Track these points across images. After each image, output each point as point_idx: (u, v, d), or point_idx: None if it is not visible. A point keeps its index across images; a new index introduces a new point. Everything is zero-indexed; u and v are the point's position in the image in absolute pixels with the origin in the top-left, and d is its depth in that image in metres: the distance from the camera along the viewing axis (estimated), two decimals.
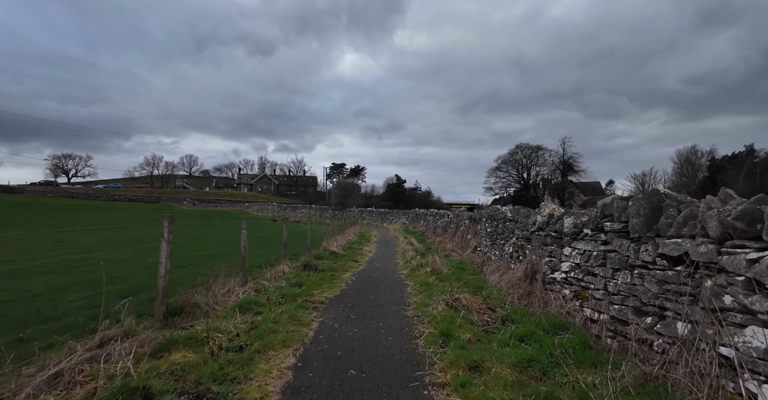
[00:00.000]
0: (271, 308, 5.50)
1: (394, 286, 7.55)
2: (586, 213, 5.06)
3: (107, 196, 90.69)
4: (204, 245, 15.99)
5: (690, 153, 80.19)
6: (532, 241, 6.26)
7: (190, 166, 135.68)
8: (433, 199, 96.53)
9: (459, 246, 12.48)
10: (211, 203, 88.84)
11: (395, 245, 17.98)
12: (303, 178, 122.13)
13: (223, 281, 6.33)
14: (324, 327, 4.87)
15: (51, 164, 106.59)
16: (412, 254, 10.88)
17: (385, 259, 12.26)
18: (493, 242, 9.30)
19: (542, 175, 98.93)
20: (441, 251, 11.57)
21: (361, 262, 11.55)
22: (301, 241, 17.63)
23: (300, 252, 12.65)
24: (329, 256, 12.17)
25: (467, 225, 14.07)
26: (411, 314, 5.33)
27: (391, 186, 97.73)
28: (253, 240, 16.53)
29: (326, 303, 6.19)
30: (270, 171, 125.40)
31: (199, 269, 8.99)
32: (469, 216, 14.01)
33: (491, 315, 4.86)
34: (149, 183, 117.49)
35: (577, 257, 4.77)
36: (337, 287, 7.55)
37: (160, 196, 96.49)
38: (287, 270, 8.77)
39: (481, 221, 11.53)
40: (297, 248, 15.31)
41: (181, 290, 5.61)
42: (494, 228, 9.54)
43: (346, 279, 8.47)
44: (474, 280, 7.31)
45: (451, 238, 15.75)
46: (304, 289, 7.00)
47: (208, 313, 5.13)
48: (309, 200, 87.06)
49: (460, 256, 10.80)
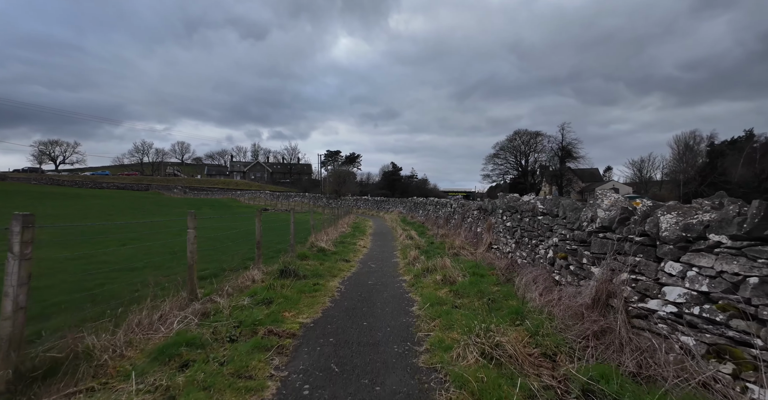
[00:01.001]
0: (211, 354, 3.62)
1: (395, 302, 5.68)
2: (701, 208, 3.17)
3: (94, 183, 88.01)
4: (180, 241, 14.07)
5: (689, 138, 78.65)
6: (593, 246, 4.38)
7: (182, 153, 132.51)
8: (430, 187, 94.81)
9: (469, 242, 10.62)
10: (203, 191, 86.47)
11: (393, 238, 16.12)
12: (297, 165, 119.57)
13: (151, 304, 4.42)
14: (285, 398, 3.00)
15: (36, 151, 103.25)
16: (414, 254, 9.00)
17: (382, 258, 10.40)
18: (518, 241, 7.43)
19: (541, 162, 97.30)
20: (448, 249, 9.72)
21: (353, 262, 9.68)
22: (287, 234, 15.76)
23: (284, 249, 10.79)
24: (316, 254, 10.28)
25: (476, 217, 12.20)
26: (425, 366, 3.44)
27: (387, 174, 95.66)
28: (231, 235, 14.57)
29: (299, 337, 4.31)
30: (263, 158, 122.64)
31: (158, 271, 7.11)
32: (478, 206, 12.12)
33: (554, 373, 3.01)
34: (139, 170, 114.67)
35: (702, 282, 2.90)
36: (319, 303, 5.66)
37: (150, 183, 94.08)
38: (258, 278, 6.87)
39: (495, 213, 9.65)
40: (281, 244, 13.41)
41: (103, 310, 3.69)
42: (517, 223, 7.66)
43: (332, 290, 6.59)
44: (501, 294, 5.46)
45: (455, 230, 13.89)
46: (272, 309, 5.12)
47: (105, 366, 3.24)
48: (303, 188, 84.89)
49: (473, 255, 8.96)
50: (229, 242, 13.84)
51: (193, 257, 5.33)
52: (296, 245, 12.06)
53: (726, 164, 71.04)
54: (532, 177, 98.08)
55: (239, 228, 18.07)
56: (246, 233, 15.86)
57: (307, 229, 14.21)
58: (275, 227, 18.83)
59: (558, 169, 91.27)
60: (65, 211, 28.99)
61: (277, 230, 17.82)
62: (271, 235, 15.98)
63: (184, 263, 5.47)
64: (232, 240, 14.39)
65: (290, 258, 9.08)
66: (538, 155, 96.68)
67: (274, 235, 16.11)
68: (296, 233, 11.89)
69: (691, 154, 79.12)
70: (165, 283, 5.25)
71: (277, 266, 7.72)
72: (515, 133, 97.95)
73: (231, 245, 12.57)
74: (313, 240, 12.06)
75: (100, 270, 7.69)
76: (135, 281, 5.95)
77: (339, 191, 52.57)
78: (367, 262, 9.66)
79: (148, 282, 4.77)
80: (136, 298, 4.61)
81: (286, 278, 7.04)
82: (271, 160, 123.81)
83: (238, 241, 13.48)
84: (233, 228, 17.93)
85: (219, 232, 16.57)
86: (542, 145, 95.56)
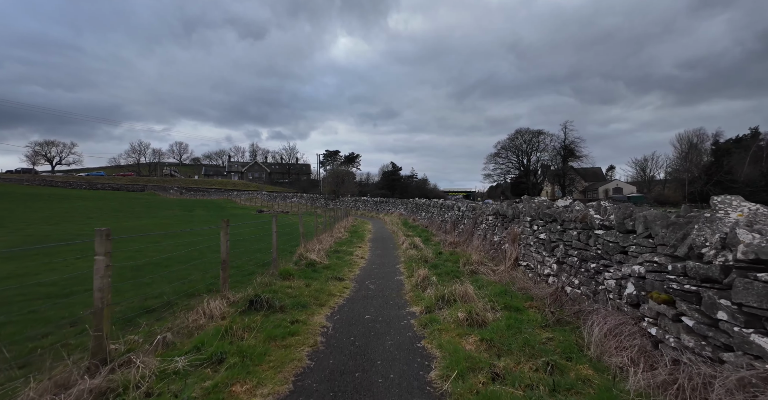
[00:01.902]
0: None
1: (403, 361, 3.82)
2: None
3: (89, 184, 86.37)
4: (155, 249, 12.28)
5: (692, 136, 77.14)
6: (739, 292, 2.61)
7: (180, 153, 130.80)
8: (430, 186, 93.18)
9: (487, 255, 8.85)
10: (199, 191, 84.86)
11: (395, 245, 14.36)
12: (296, 165, 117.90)
13: None
14: None
15: (30, 151, 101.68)
16: (423, 273, 7.18)
17: (383, 274, 8.63)
18: (562, 261, 5.65)
19: (543, 161, 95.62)
20: (464, 264, 7.95)
21: (348, 280, 7.92)
22: (280, 240, 13.95)
23: (269, 260, 9.05)
24: (303, 270, 8.53)
25: (491, 223, 10.45)
26: None
27: (387, 173, 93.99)
28: (215, 245, 12.70)
29: None
30: (262, 158, 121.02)
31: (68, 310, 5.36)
32: (494, 211, 10.36)
33: None
34: (136, 171, 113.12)
35: None
36: (293, 361, 3.89)
37: (146, 184, 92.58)
38: (217, 312, 5.10)
39: (521, 221, 7.90)
40: (268, 255, 11.68)
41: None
42: (557, 236, 5.90)
43: (315, 332, 4.81)
44: (560, 349, 3.70)
45: (466, 238, 12.13)
46: (219, 379, 3.36)
47: None
48: (302, 189, 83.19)
49: (495, 274, 7.19)
50: (212, 253, 12.12)
51: (105, 298, 3.56)
52: (282, 258, 10.33)
53: (732, 163, 69.41)
54: (534, 177, 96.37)
55: None
56: (236, 240, 14.09)
57: (304, 232, 12.47)
58: (264, 234, 17.08)
59: (561, 169, 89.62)
60: (40, 214, 27.21)
61: (268, 237, 16.07)
62: (258, 244, 14.25)
63: (197, 267, 3.70)
64: (215, 250, 12.66)
65: (269, 278, 7.32)
66: (540, 154, 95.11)
67: (262, 243, 14.39)
68: (287, 239, 10.14)
69: (696, 153, 77.58)
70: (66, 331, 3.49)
71: (249, 293, 5.96)
72: (517, 131, 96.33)
73: (213, 257, 10.83)
74: (302, 251, 10.30)
75: None
76: None
77: (337, 192, 50.80)
78: (364, 281, 7.89)
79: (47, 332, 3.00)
80: None
81: (256, 312, 5.27)
82: (270, 160, 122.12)
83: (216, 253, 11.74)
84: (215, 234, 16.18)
85: (204, 238, 14.81)
86: (544, 144, 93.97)
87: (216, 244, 13.88)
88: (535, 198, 8.26)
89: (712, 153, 74.47)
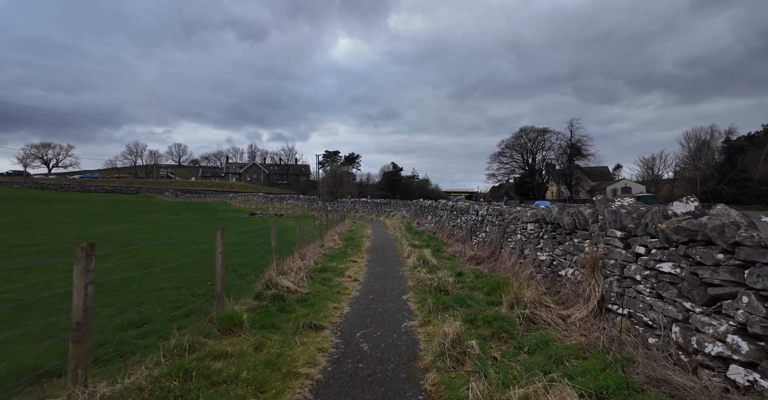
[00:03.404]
0: None
1: None
2: None
3: (82, 187, 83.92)
4: (116, 268, 9.39)
5: (702, 134, 74.40)
6: None
7: (179, 155, 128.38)
8: (431, 187, 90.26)
9: (539, 286, 5.91)
10: (196, 193, 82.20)
11: (399, 260, 11.45)
12: (295, 166, 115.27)
13: None
14: None
15: (22, 154, 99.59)
16: (452, 331, 4.19)
17: (386, 318, 5.63)
18: (758, 336, 2.74)
19: (548, 161, 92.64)
20: (510, 305, 5.02)
21: (328, 329, 5.04)
22: (262, 248, 11.06)
23: (232, 287, 6.20)
24: (263, 312, 5.66)
25: (532, 234, 7.57)
26: None
27: (388, 174, 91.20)
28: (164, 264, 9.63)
29: None
30: (260, 160, 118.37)
31: None
32: (534, 218, 7.49)
33: None
34: (132, 173, 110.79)
35: None
36: None
37: (141, 186, 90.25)
38: None
39: (594, 235, 5.01)
40: (246, 271, 8.87)
41: None
42: (728, 276, 3.01)
43: None
44: None
45: (492, 253, 9.23)
46: None
47: None
48: (301, 190, 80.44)
49: (568, 324, 4.31)
50: (164, 273, 9.28)
51: None
52: (242, 285, 7.50)
53: (746, 161, 66.36)
54: (539, 176, 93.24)
55: (196, 247, 13.44)
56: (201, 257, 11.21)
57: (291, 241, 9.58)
58: (248, 242, 14.21)
59: (566, 168, 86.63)
60: (7, 218, 24.39)
61: (252, 246, 13.16)
62: (235, 256, 11.42)
63: None
64: (166, 269, 9.82)
65: (196, 334, 4.45)
66: (546, 153, 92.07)
67: (237, 257, 11.54)
68: (265, 252, 7.32)
69: (709, 151, 74.64)
70: None
71: (153, 370, 3.10)
72: (521, 130, 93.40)
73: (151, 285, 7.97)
74: (272, 274, 7.40)
75: None
76: None
77: (335, 193, 47.93)
78: (354, 332, 4.99)
79: None
80: None
81: None
82: (269, 161, 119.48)
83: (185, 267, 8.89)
84: (182, 246, 13.30)
85: (162, 253, 11.96)
86: (550, 142, 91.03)
87: (170, 260, 10.83)
88: (616, 201, 5.38)
89: (725, 151, 71.56)
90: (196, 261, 10.64)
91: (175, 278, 8.47)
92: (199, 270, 9.66)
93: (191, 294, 6.98)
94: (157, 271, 9.43)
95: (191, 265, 10.30)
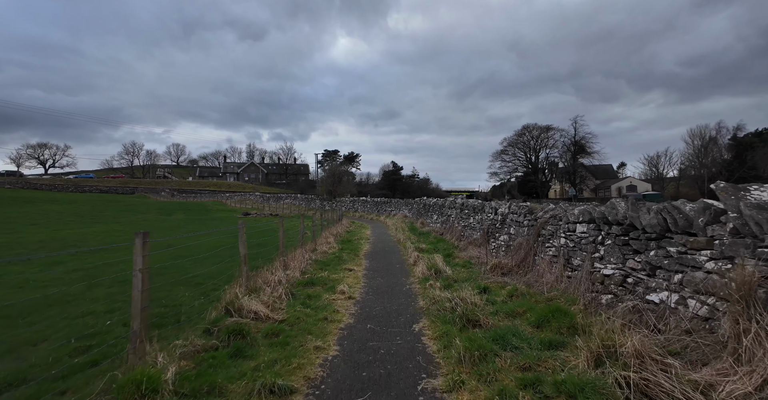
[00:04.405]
0: None
1: None
2: None
3: (76, 187, 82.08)
4: None
5: (709, 131, 72.72)
6: None
7: (177, 155, 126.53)
8: (432, 186, 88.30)
9: (606, 308, 4.02)
10: (192, 193, 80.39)
11: (404, 268, 9.55)
12: (293, 166, 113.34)
13: None
14: None
15: (15, 154, 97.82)
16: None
17: (390, 370, 3.68)
18: None
19: (552, 158, 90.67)
20: (589, 353, 3.16)
21: (296, 395, 3.20)
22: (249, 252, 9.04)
23: (184, 311, 4.25)
24: (214, 354, 3.80)
25: (580, 240, 5.68)
26: None
27: (388, 173, 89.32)
28: None
29: None
30: (259, 159, 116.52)
31: None
32: (585, 217, 5.60)
33: None
34: (129, 173, 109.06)
35: None
36: None
37: (137, 186, 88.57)
38: None
39: (765, 247, 3.12)
40: (216, 283, 7.06)
41: None
42: None
43: None
44: None
45: (522, 261, 7.35)
46: None
47: None
48: (300, 190, 78.52)
49: None
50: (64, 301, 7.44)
51: None
52: (198, 308, 5.67)
53: (756, 158, 64.53)
54: (543, 175, 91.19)
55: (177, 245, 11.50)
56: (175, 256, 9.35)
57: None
58: (232, 242, 12.29)
59: (570, 166, 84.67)
60: None
61: (235, 244, 11.24)
62: (208, 263, 9.54)
63: None
64: (119, 283, 7.96)
65: None
66: (549, 151, 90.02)
67: (213, 261, 9.66)
68: (256, 254, 5.50)
69: (716, 148, 72.80)
70: None
71: None
72: (524, 127, 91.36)
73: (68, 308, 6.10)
74: (236, 293, 5.49)
75: None
76: None
77: (334, 192, 46.01)
78: (340, 397, 3.14)
79: None
80: None
81: None
82: (267, 160, 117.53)
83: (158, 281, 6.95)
84: None
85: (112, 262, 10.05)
86: (554, 139, 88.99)
87: (127, 267, 8.10)
88: (751, 191, 3.49)
89: (732, 148, 69.77)
90: (157, 270, 8.77)
91: (115, 296, 6.57)
92: (156, 282, 7.78)
93: (124, 323, 5.09)
94: (101, 282, 7.55)
95: (160, 272, 8.44)
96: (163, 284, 7.54)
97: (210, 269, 8.96)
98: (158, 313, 5.40)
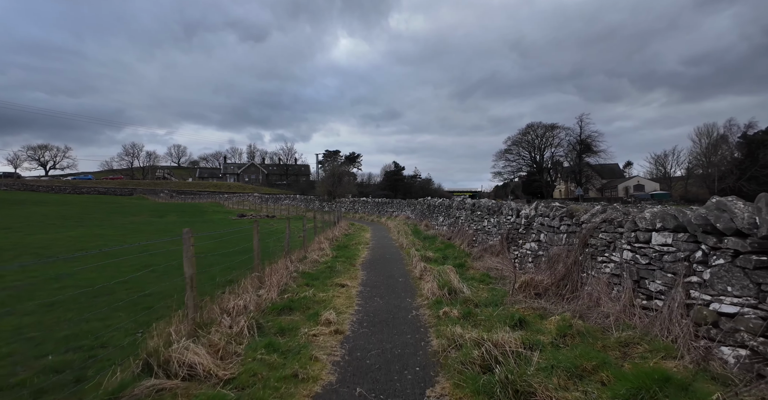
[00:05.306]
0: None
1: None
2: None
3: (74, 188, 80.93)
4: None
5: (717, 128, 70.86)
6: None
7: (178, 156, 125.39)
8: (434, 187, 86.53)
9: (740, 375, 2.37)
10: (191, 194, 79.04)
11: (409, 283, 7.83)
12: (294, 166, 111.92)
13: None
14: None
15: (13, 155, 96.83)
16: None
17: None
18: None
19: (557, 158, 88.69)
20: None
21: None
22: (230, 259, 7.47)
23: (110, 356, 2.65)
24: None
25: (659, 256, 3.97)
26: None
27: (389, 173, 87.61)
28: None
29: None
30: (260, 160, 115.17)
31: None
32: (669, 224, 3.89)
33: None
34: (129, 174, 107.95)
35: None
36: None
37: (136, 187, 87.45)
38: None
39: None
40: (176, 302, 5.35)
41: None
42: None
43: None
44: None
45: (560, 279, 5.67)
46: None
47: None
48: (300, 190, 76.96)
49: None
50: None
51: None
52: (135, 343, 3.93)
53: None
54: (548, 174, 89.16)
55: None
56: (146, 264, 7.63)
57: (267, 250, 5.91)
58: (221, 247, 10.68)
59: (576, 165, 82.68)
60: None
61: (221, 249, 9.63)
62: (171, 275, 7.87)
63: None
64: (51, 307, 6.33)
65: None
66: (554, 150, 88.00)
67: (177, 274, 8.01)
68: (238, 260, 3.89)
69: (727, 146, 70.78)
70: None
71: None
72: (528, 126, 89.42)
73: None
74: (169, 332, 3.83)
75: None
76: None
77: (334, 192, 44.36)
78: None
79: None
80: None
81: None
82: (268, 161, 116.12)
83: None
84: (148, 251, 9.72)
85: None
86: (559, 138, 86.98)
87: (85, 281, 7.12)
88: None
89: (744, 146, 67.76)
90: (112, 286, 7.12)
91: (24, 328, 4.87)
92: (98, 305, 6.10)
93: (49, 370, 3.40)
94: (31, 306, 5.89)
95: (109, 291, 6.80)
96: (106, 308, 5.89)
97: (174, 283, 7.26)
98: (58, 363, 3.75)
